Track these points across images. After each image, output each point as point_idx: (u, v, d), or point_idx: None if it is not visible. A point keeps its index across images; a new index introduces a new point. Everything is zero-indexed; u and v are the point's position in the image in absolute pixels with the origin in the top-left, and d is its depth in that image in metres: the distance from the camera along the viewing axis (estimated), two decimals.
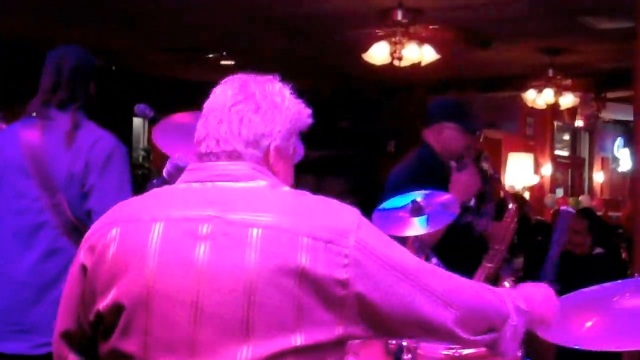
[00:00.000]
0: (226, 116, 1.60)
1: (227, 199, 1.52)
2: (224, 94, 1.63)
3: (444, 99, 3.85)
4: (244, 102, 1.60)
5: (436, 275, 1.58)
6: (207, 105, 1.64)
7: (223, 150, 1.58)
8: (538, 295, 1.82)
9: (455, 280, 1.61)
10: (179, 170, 1.53)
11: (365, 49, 7.16)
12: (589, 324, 1.98)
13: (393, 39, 7.00)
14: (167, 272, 1.48)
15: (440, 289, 1.55)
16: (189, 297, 1.45)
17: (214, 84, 1.68)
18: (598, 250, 5.59)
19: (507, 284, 2.76)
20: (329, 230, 1.46)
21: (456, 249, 3.21)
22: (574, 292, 2.10)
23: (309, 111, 1.69)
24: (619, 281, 2.15)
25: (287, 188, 1.59)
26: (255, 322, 1.42)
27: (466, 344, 1.64)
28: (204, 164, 1.60)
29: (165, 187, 1.70)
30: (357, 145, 11.93)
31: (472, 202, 3.65)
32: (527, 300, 1.74)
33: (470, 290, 1.63)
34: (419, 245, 2.82)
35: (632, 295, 1.99)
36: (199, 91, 1.62)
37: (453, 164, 3.54)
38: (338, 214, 1.52)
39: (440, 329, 1.56)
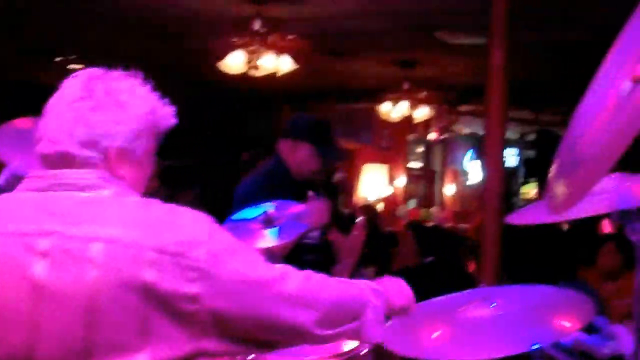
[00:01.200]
0: (62, 114, 1.50)
1: (68, 210, 1.44)
2: (67, 90, 1.54)
3: (309, 118, 3.84)
4: (84, 100, 1.51)
5: (291, 278, 1.55)
6: (50, 102, 1.54)
7: (56, 152, 1.49)
8: (394, 284, 1.85)
9: (311, 280, 1.59)
10: (17, 180, 1.45)
11: (222, 57, 7.12)
12: (436, 334, 2.02)
13: (250, 48, 6.99)
14: (1, 291, 1.40)
15: (296, 292, 1.53)
16: (25, 317, 1.38)
17: None
18: (429, 259, 5.84)
19: None
20: (177, 243, 1.41)
21: (301, 261, 3.24)
22: (421, 303, 2.14)
23: (169, 111, 1.61)
24: (466, 291, 2.20)
25: (134, 197, 1.52)
26: (97, 342, 1.36)
27: (331, 339, 1.63)
28: (45, 171, 1.50)
29: (1, 197, 1.58)
30: (211, 154, 11.83)
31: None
32: (385, 287, 1.77)
33: (327, 286, 1.62)
34: (269, 258, 2.81)
35: (478, 305, 2.04)
36: (46, 95, 1.53)
37: (311, 194, 3.50)
38: (188, 225, 1.46)
39: (302, 332, 1.54)
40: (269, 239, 2.84)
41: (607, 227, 6.45)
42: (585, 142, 1.40)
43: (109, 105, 1.52)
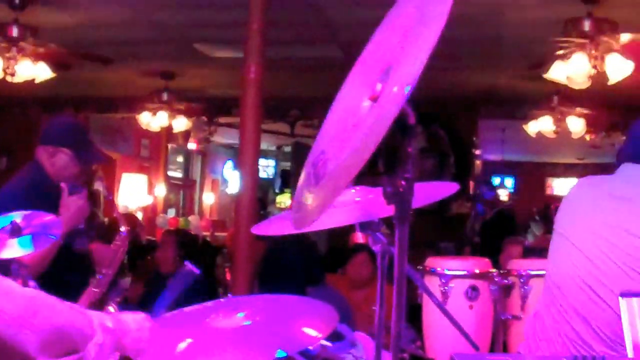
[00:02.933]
0: None
1: None
2: None
3: (65, 123, 3.72)
4: None
5: (13, 297, 1.43)
6: None
7: None
8: (132, 320, 1.76)
9: (36, 302, 1.47)
10: None
11: None
12: (183, 344, 1.97)
13: (6, 55, 6.62)
14: None
15: (18, 312, 1.41)
16: None
17: None
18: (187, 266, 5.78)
19: (111, 308, 2.69)
20: None
21: (59, 270, 3.12)
22: (172, 312, 2.08)
23: None
24: (215, 301, 2.18)
25: None
26: None
27: None
28: None
29: None
30: None
31: (82, 225, 3.55)
32: (120, 325, 1.67)
33: (53, 311, 1.50)
34: (17, 268, 2.66)
35: (225, 315, 2.01)
36: None
37: (64, 186, 3.41)
38: None
39: (24, 355, 1.42)
40: (17, 248, 2.67)
41: (359, 237, 6.67)
42: (327, 158, 1.39)
43: None
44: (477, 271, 3.04)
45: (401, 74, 1.29)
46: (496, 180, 16.40)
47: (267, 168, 16.23)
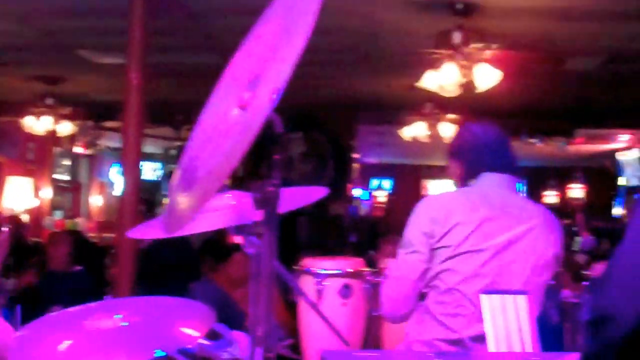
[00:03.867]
0: None
1: None
2: None
3: None
4: None
5: None
6: None
7: None
8: None
9: None
10: None
11: None
12: (63, 345, 1.93)
13: None
14: None
15: None
16: None
17: None
18: (78, 267, 5.72)
19: None
20: None
21: None
22: (52, 314, 2.04)
23: None
24: (96, 302, 2.15)
25: None
26: None
27: None
28: None
29: None
30: None
31: None
32: None
33: None
34: None
35: (103, 316, 1.98)
36: None
37: None
38: None
39: None
40: None
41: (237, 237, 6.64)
42: (198, 164, 1.39)
43: None
44: (350, 270, 3.09)
45: (268, 83, 1.30)
46: (374, 183, 16.67)
47: (155, 171, 16.00)
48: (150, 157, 15.48)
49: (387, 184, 16.72)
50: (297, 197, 2.20)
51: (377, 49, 7.38)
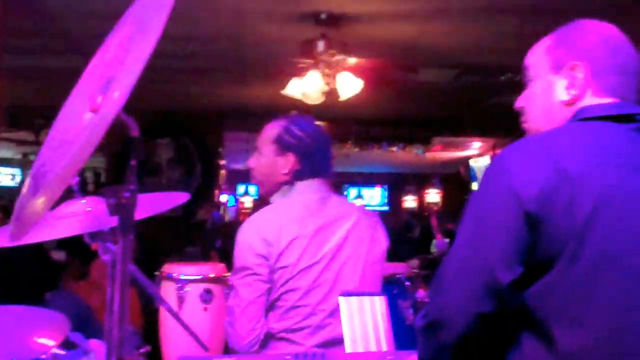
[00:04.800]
0: None
1: None
2: None
3: None
4: None
5: None
6: None
7: None
8: None
9: None
10: None
11: None
12: None
13: None
14: None
15: None
16: None
17: None
18: None
19: None
20: None
21: None
22: None
23: None
24: None
25: None
26: None
27: None
28: None
29: None
30: None
31: None
32: None
33: None
34: None
35: None
36: None
37: None
38: None
39: None
40: None
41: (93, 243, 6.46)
42: (47, 169, 1.34)
43: None
44: (212, 275, 3.06)
45: (117, 86, 1.27)
46: (241, 189, 16.63)
47: (13, 177, 15.37)
48: (7, 163, 14.89)
49: (253, 189, 16.71)
50: (158, 203, 2.16)
51: (243, 56, 7.37)
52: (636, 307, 1.38)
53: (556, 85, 1.63)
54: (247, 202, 16.06)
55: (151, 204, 1.99)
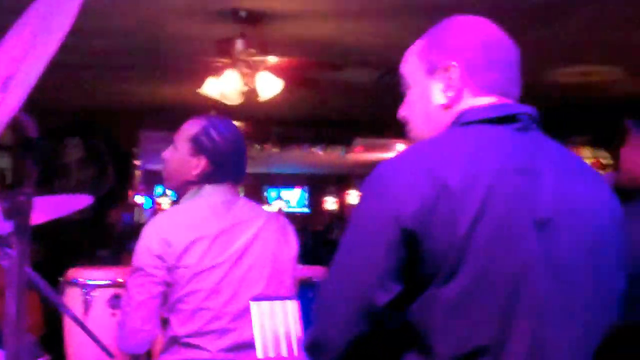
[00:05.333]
0: None
1: None
2: None
3: None
4: None
5: None
6: None
7: None
8: None
9: None
10: None
11: None
12: None
13: None
14: None
15: None
16: None
17: None
18: None
19: None
20: None
21: None
22: None
23: None
24: None
25: None
26: None
27: None
28: None
29: None
30: None
31: None
32: None
33: None
34: None
35: None
36: None
37: None
38: None
39: None
40: None
41: None
42: None
43: None
44: (120, 280, 3.01)
45: (16, 85, 1.24)
46: (158, 190, 16.43)
47: None
48: None
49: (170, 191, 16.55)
50: (62, 205, 2.12)
51: (160, 54, 7.28)
52: (517, 315, 1.39)
53: (433, 89, 1.61)
54: (165, 203, 15.89)
55: (55, 207, 1.95)
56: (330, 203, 15.66)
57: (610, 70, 7.59)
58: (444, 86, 1.58)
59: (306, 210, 17.53)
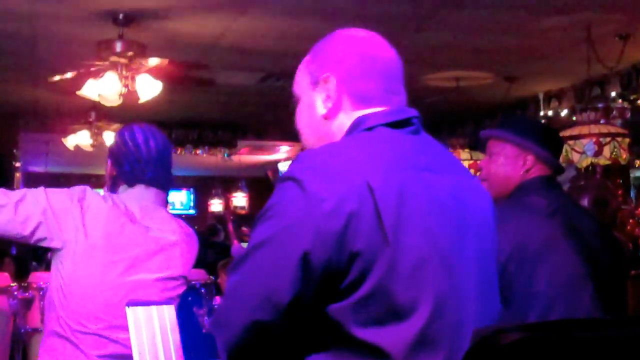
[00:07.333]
0: None
1: None
2: None
3: None
4: None
5: None
6: None
7: None
8: None
9: None
10: None
11: None
12: None
13: None
14: None
15: None
16: None
17: None
18: None
19: None
20: None
21: None
22: None
23: None
24: None
25: None
26: None
27: None
28: None
29: None
30: None
31: None
32: None
33: None
34: None
35: None
36: None
37: None
38: None
39: None
40: None
41: None
42: None
43: None
44: None
45: None
46: None
47: None
48: None
49: None
50: None
51: (38, 55, 7.05)
52: (453, 298, 1.44)
53: (316, 101, 1.64)
54: None
55: None
56: (215, 205, 15.50)
57: (482, 75, 7.82)
58: (325, 97, 1.62)
59: (192, 212, 17.33)
